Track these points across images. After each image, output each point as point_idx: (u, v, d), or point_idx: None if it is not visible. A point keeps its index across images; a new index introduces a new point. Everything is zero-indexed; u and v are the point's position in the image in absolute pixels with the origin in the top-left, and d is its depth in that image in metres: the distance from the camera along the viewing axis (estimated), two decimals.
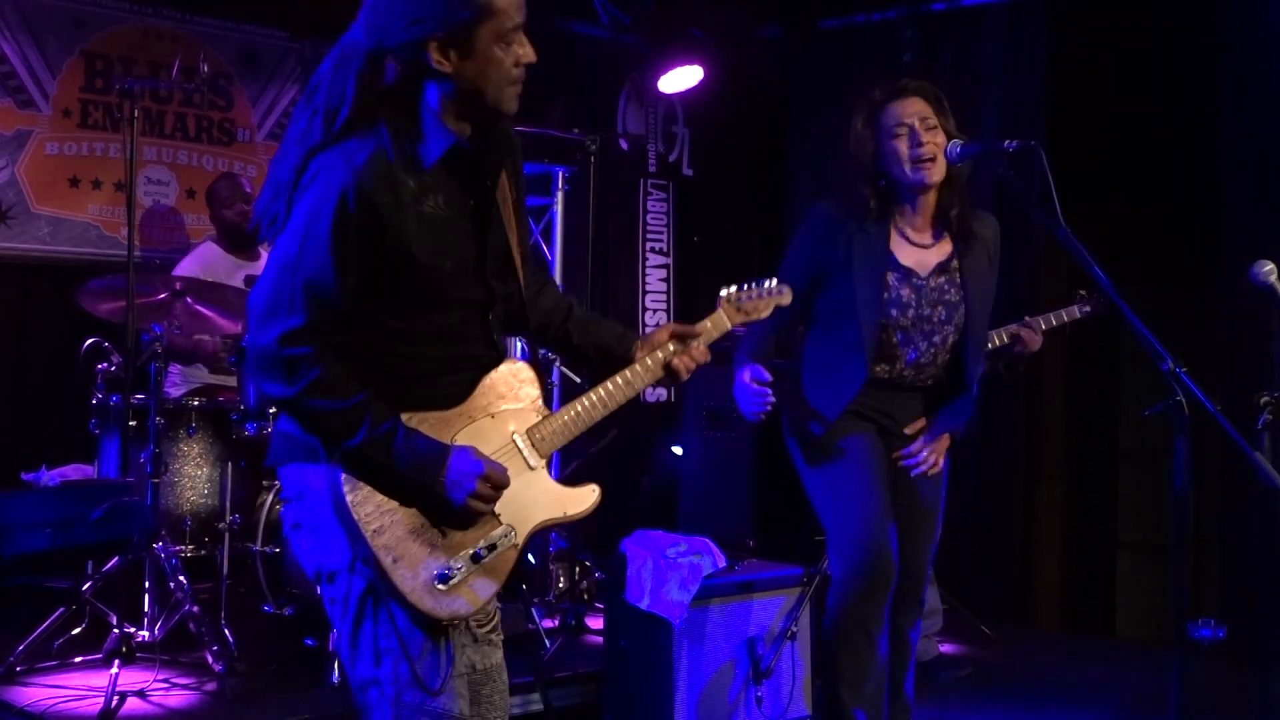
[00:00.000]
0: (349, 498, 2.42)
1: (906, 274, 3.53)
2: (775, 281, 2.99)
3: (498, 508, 2.53)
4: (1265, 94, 5.64)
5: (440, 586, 2.45)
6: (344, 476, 2.42)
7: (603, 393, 2.71)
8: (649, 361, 2.76)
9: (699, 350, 2.79)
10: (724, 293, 2.93)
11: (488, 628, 2.70)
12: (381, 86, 2.45)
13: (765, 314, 2.97)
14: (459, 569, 2.48)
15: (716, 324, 2.89)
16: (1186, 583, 3.04)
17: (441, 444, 2.46)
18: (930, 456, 3.63)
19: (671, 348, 2.78)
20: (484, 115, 2.50)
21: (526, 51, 2.46)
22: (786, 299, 3.00)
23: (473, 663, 2.63)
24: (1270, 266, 3.20)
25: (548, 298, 2.81)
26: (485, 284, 2.57)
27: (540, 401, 2.67)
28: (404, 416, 2.46)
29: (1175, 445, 2.74)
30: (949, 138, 3.49)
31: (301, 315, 2.36)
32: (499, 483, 2.49)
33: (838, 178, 3.67)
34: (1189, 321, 6.24)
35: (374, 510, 2.43)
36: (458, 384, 2.56)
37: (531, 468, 2.61)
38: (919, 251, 3.56)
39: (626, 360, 2.77)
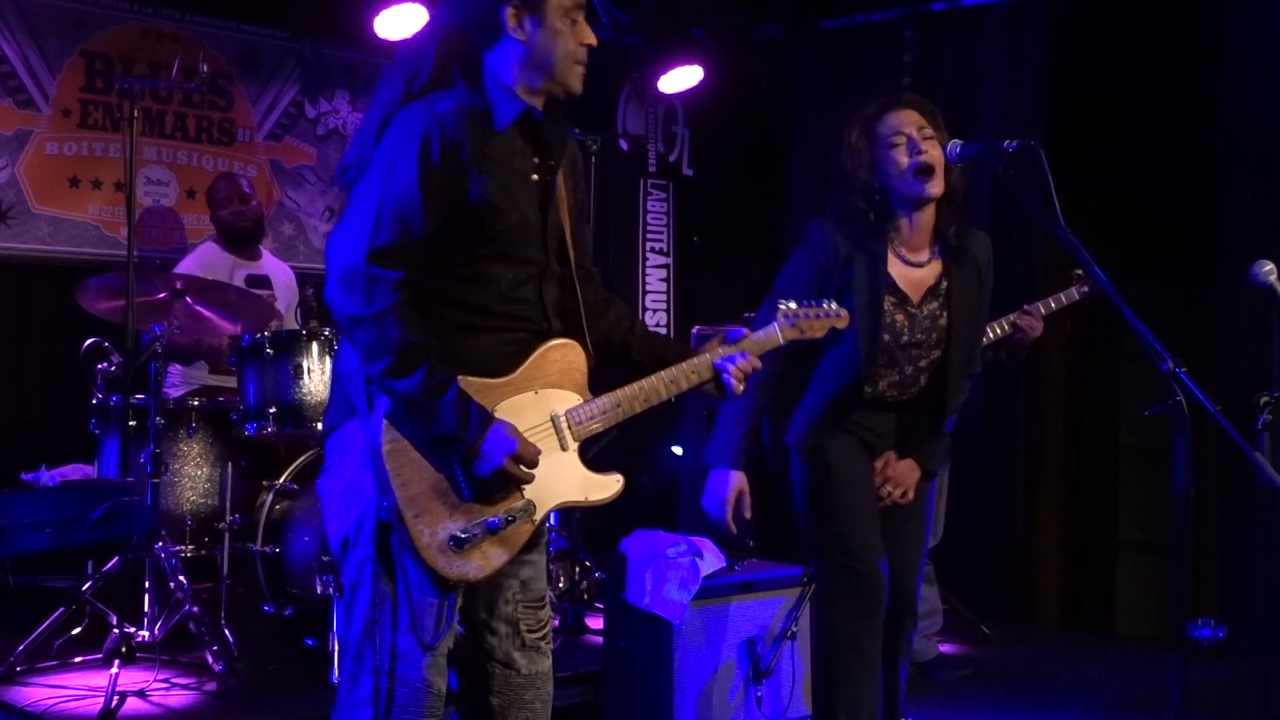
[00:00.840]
0: (385, 446, 2.51)
1: (902, 300, 3.46)
2: (835, 304, 3.01)
3: None
4: (1265, 94, 5.64)
5: (454, 549, 2.53)
6: (384, 425, 2.51)
7: (646, 386, 2.77)
8: (696, 361, 2.81)
9: (748, 361, 2.83)
10: (781, 305, 2.95)
11: (538, 634, 2.78)
12: (460, 59, 2.64)
13: (820, 334, 2.99)
14: (475, 534, 2.55)
15: (769, 336, 2.92)
16: (1186, 583, 3.03)
17: (488, 412, 2.55)
18: (896, 490, 3.57)
19: (721, 352, 2.82)
20: (550, 90, 2.66)
21: (589, 34, 2.65)
22: (844, 322, 3.03)
23: (516, 663, 2.73)
24: (1270, 266, 3.20)
25: (613, 313, 2.89)
26: (544, 250, 2.69)
27: (585, 387, 2.74)
28: None
29: (1175, 445, 2.73)
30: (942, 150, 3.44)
31: (389, 235, 2.50)
32: (529, 463, 2.57)
33: (831, 194, 3.63)
34: (1189, 321, 6.24)
35: (405, 463, 2.52)
36: (511, 345, 2.65)
37: (564, 449, 2.69)
38: (913, 272, 3.49)
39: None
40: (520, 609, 2.75)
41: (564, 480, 2.68)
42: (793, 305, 2.95)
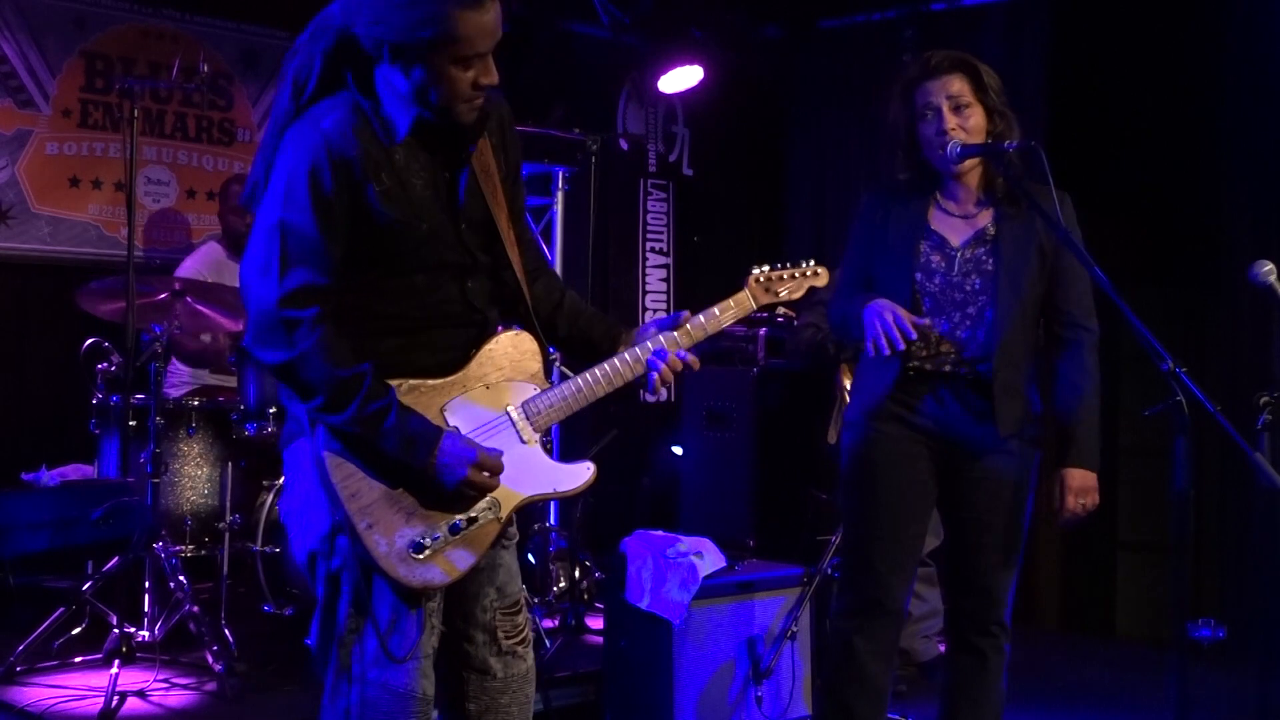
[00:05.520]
0: (328, 460, 2.43)
1: (940, 242, 3.35)
2: (812, 262, 2.86)
3: None
4: (1265, 94, 5.64)
5: (415, 555, 2.46)
6: (327, 437, 2.44)
7: (599, 373, 2.64)
8: (636, 355, 2.66)
9: (681, 359, 2.65)
10: (754, 271, 2.81)
11: (515, 639, 2.72)
12: (350, 62, 2.47)
13: (797, 295, 2.85)
14: (436, 539, 2.48)
15: (739, 303, 2.76)
16: (1186, 583, 3.02)
17: (435, 427, 2.47)
18: (1080, 502, 3.35)
19: (662, 341, 2.66)
20: (436, 116, 2.48)
21: (487, 74, 2.45)
22: (822, 280, 2.87)
23: (492, 668, 2.67)
24: (1270, 266, 3.19)
25: (540, 285, 2.76)
26: (464, 249, 2.56)
27: (541, 375, 2.64)
28: (396, 383, 2.47)
29: (1175, 445, 2.73)
30: (990, 113, 3.32)
31: (298, 277, 2.40)
32: (493, 469, 2.49)
33: (882, 153, 3.53)
34: (1189, 321, 6.24)
35: (351, 474, 2.44)
36: (452, 341, 2.56)
37: (524, 442, 2.59)
38: (957, 222, 3.38)
39: (611, 355, 2.69)
40: (498, 616, 2.70)
41: (528, 474, 2.57)
42: (764, 268, 2.81)
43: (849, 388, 3.50)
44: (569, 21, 6.79)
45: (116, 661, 4.09)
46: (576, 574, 5.35)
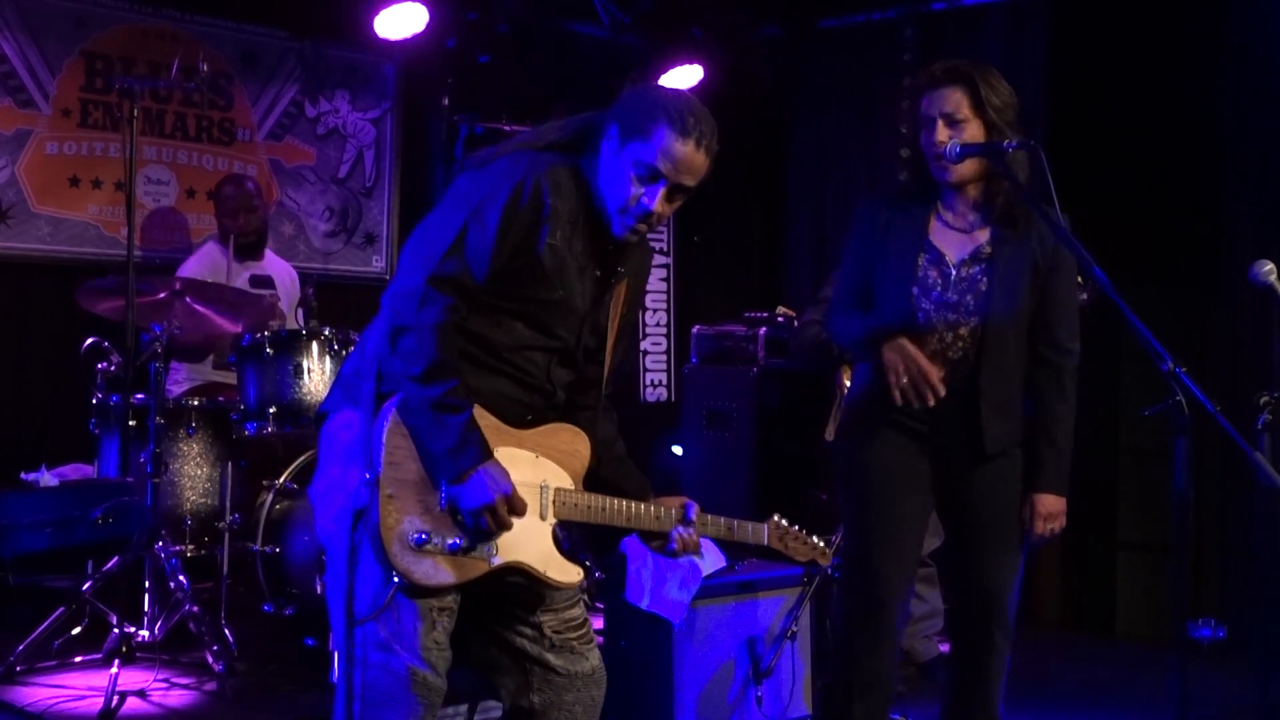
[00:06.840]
0: (391, 421, 2.57)
1: (938, 257, 3.33)
2: (823, 544, 3.09)
3: None
4: (1265, 94, 5.65)
5: (411, 544, 2.56)
6: (399, 406, 2.58)
7: (628, 507, 2.83)
8: (660, 512, 2.87)
9: (690, 539, 2.88)
10: (776, 516, 3.05)
11: (568, 634, 2.81)
12: (599, 134, 2.71)
13: (799, 559, 3.09)
14: (435, 543, 2.57)
15: (755, 532, 3.02)
16: (1186, 583, 3.03)
17: (490, 449, 2.58)
18: (1048, 525, 3.40)
19: (674, 515, 2.88)
20: (599, 210, 2.70)
21: (648, 202, 2.66)
22: (826, 558, 3.11)
23: (552, 663, 2.78)
24: (1270, 266, 3.19)
25: (602, 428, 2.91)
26: (576, 337, 2.75)
27: (581, 477, 2.80)
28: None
29: (1175, 445, 2.73)
30: (990, 129, 3.25)
31: (454, 266, 2.59)
32: (517, 512, 2.59)
33: (884, 157, 3.53)
34: (1189, 321, 6.24)
35: (403, 445, 2.58)
36: (526, 400, 2.72)
37: (542, 518, 2.72)
38: (956, 236, 3.35)
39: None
40: (541, 614, 2.79)
41: (530, 545, 2.69)
42: (785, 522, 3.04)
43: (849, 386, 3.51)
44: (569, 21, 6.79)
45: (116, 661, 4.09)
46: None
